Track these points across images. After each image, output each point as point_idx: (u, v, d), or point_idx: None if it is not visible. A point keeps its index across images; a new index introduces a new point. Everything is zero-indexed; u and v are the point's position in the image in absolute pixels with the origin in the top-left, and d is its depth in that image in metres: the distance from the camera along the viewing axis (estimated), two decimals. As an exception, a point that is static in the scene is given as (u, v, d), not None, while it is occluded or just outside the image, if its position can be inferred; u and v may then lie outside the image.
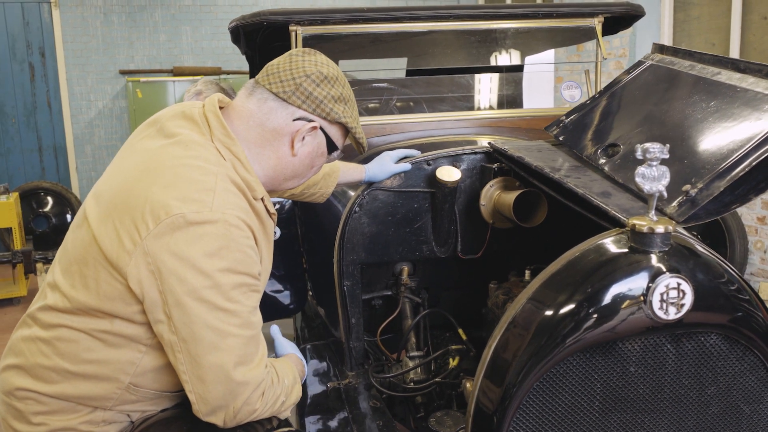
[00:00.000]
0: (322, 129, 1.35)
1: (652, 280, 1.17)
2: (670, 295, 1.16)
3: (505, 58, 3.11)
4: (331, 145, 1.39)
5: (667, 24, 5.25)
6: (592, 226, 1.38)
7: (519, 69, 3.19)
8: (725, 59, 1.61)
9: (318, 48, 1.46)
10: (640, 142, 1.24)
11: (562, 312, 1.20)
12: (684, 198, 1.31)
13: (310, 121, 1.33)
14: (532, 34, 2.74)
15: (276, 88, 1.30)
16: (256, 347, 1.22)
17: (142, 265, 1.12)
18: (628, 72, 1.91)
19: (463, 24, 2.51)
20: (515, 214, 1.71)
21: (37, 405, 1.22)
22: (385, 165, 1.86)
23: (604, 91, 1.92)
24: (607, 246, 1.24)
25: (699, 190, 1.30)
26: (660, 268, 1.18)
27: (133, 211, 1.15)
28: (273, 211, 1.36)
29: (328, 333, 2.37)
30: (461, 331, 2.00)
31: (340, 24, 2.38)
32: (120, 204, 1.18)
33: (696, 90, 1.61)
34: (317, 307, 2.64)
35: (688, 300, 1.17)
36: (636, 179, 1.20)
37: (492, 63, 3.09)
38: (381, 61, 3.87)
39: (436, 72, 3.22)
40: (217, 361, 1.15)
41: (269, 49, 2.75)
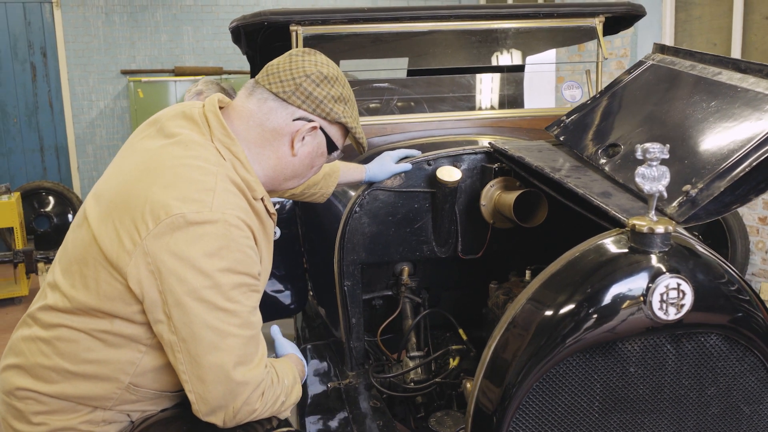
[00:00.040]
0: (322, 129, 1.35)
1: (652, 281, 1.17)
2: (670, 296, 1.16)
3: (506, 58, 3.11)
4: (331, 145, 1.39)
5: (669, 24, 5.24)
6: (592, 226, 1.38)
7: (520, 69, 3.19)
8: (726, 59, 1.61)
9: (319, 48, 1.46)
10: (640, 142, 1.24)
11: (562, 312, 1.20)
12: (684, 198, 1.31)
13: (310, 121, 1.32)
14: (532, 34, 2.74)
15: (276, 88, 1.30)
16: (256, 347, 1.22)
17: (142, 265, 1.13)
18: (629, 72, 1.91)
19: (464, 24, 2.51)
20: (515, 214, 1.70)
21: (37, 405, 1.22)
22: (386, 165, 1.86)
23: (605, 91, 1.92)
24: (607, 246, 1.24)
25: (699, 191, 1.30)
26: (660, 268, 1.18)
27: (133, 211, 1.15)
28: (273, 211, 1.36)
29: (328, 333, 2.37)
30: (462, 331, 2.00)
31: (341, 24, 2.38)
32: (120, 204, 1.18)
33: (697, 90, 1.60)
34: (318, 307, 2.64)
35: (688, 300, 1.17)
36: (636, 179, 1.20)
37: (493, 63, 3.08)
38: (382, 61, 3.86)
39: (437, 72, 3.21)
40: (216, 361, 1.15)
41: (270, 49, 2.75)
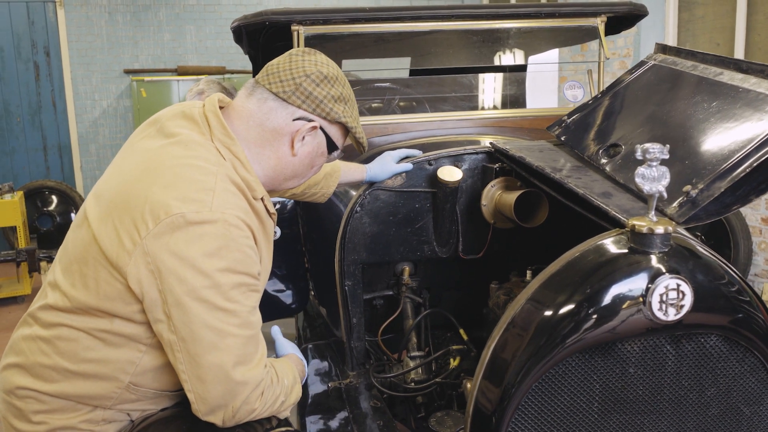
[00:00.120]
0: (322, 129, 1.35)
1: (651, 281, 1.16)
2: (670, 296, 1.15)
3: (508, 57, 3.11)
4: (331, 145, 1.39)
5: (672, 24, 5.23)
6: (593, 226, 1.37)
7: (522, 69, 3.18)
8: (728, 59, 1.60)
9: (320, 48, 1.46)
10: (641, 143, 1.24)
11: (562, 312, 1.20)
12: (684, 199, 1.30)
13: (310, 120, 1.32)
14: (534, 34, 2.73)
15: (276, 87, 1.30)
16: (256, 347, 1.22)
17: (142, 265, 1.13)
18: (631, 72, 1.90)
19: (466, 24, 2.50)
20: (516, 215, 1.70)
21: (38, 404, 1.22)
22: (387, 165, 1.85)
23: (607, 91, 1.92)
24: (606, 246, 1.24)
25: (700, 191, 1.29)
26: (659, 268, 1.17)
27: (133, 211, 1.15)
28: (273, 211, 1.36)
29: (329, 333, 2.37)
30: (462, 331, 2.00)
31: (342, 24, 2.38)
32: (120, 204, 1.18)
33: (698, 90, 1.60)
34: (319, 306, 2.64)
35: (688, 301, 1.16)
36: (636, 180, 1.20)
37: (495, 63, 3.08)
38: (384, 60, 3.86)
39: (440, 72, 3.21)
40: (216, 361, 1.15)
41: (272, 48, 2.75)
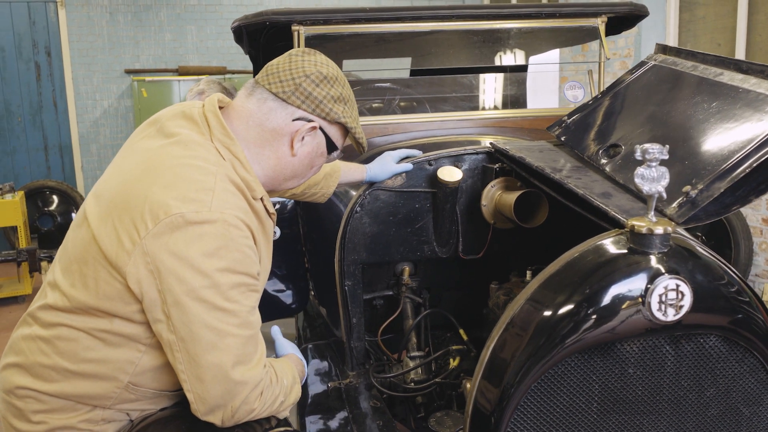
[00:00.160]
0: (321, 129, 1.35)
1: (650, 282, 1.16)
2: (669, 297, 1.15)
3: (509, 58, 3.11)
4: (331, 145, 1.39)
5: (673, 24, 5.22)
6: (593, 226, 1.37)
7: (523, 69, 3.18)
8: (728, 60, 1.60)
9: (321, 48, 1.46)
10: (641, 143, 1.24)
11: (561, 313, 1.20)
12: (684, 199, 1.30)
13: (309, 121, 1.32)
14: (535, 34, 2.73)
15: (275, 88, 1.30)
16: (255, 347, 1.22)
17: (141, 265, 1.13)
18: (631, 72, 1.90)
19: (467, 24, 2.50)
20: (516, 215, 1.70)
21: (37, 403, 1.22)
22: (387, 165, 1.85)
23: (607, 91, 1.92)
24: (606, 247, 1.24)
25: (699, 191, 1.29)
26: (659, 269, 1.17)
27: (132, 211, 1.15)
28: (272, 211, 1.36)
29: (329, 333, 2.37)
30: (462, 331, 2.00)
31: (343, 24, 2.38)
32: (120, 204, 1.18)
33: (698, 91, 1.60)
34: (319, 306, 2.65)
35: (687, 301, 1.16)
36: (635, 180, 1.20)
37: (496, 63, 3.08)
38: (385, 60, 3.86)
39: (440, 72, 3.21)
40: (215, 361, 1.15)
41: (273, 48, 2.75)
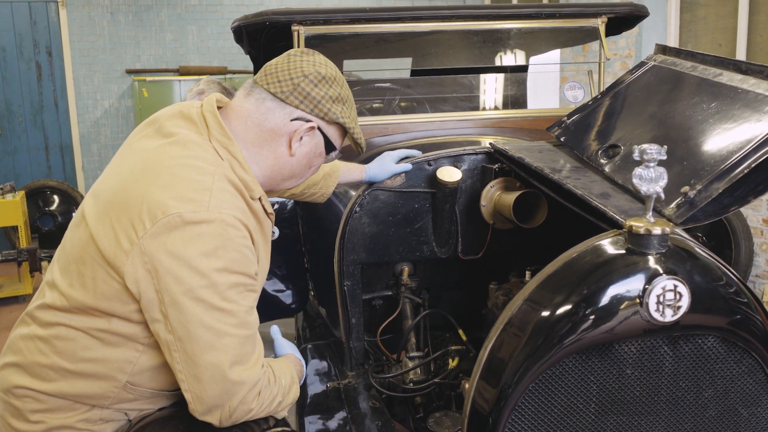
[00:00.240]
0: (320, 129, 1.35)
1: (648, 282, 1.16)
2: (667, 297, 1.15)
3: (509, 58, 3.11)
4: (329, 146, 1.39)
5: (674, 24, 5.22)
6: (592, 227, 1.37)
7: (523, 69, 3.18)
8: (727, 60, 1.60)
9: (321, 48, 1.46)
10: (640, 143, 1.24)
11: (559, 313, 1.20)
12: (682, 199, 1.30)
13: (307, 121, 1.32)
14: (535, 35, 2.73)
15: (274, 88, 1.30)
16: (253, 347, 1.22)
17: (139, 265, 1.13)
18: (631, 72, 1.90)
19: (467, 24, 2.50)
20: (515, 215, 1.70)
21: (35, 403, 1.22)
22: (386, 165, 1.85)
23: (607, 91, 1.92)
24: (603, 247, 1.24)
25: (698, 192, 1.29)
26: (657, 269, 1.17)
27: (130, 211, 1.15)
28: (271, 211, 1.36)
29: (329, 333, 2.37)
30: (461, 331, 2.00)
31: (343, 24, 2.38)
32: (118, 203, 1.18)
33: (697, 91, 1.60)
34: (318, 306, 2.65)
35: (685, 302, 1.16)
36: (633, 180, 1.20)
37: (496, 63, 3.08)
38: (385, 61, 3.86)
39: (441, 72, 3.21)
40: (213, 361, 1.15)
41: (273, 48, 2.75)
